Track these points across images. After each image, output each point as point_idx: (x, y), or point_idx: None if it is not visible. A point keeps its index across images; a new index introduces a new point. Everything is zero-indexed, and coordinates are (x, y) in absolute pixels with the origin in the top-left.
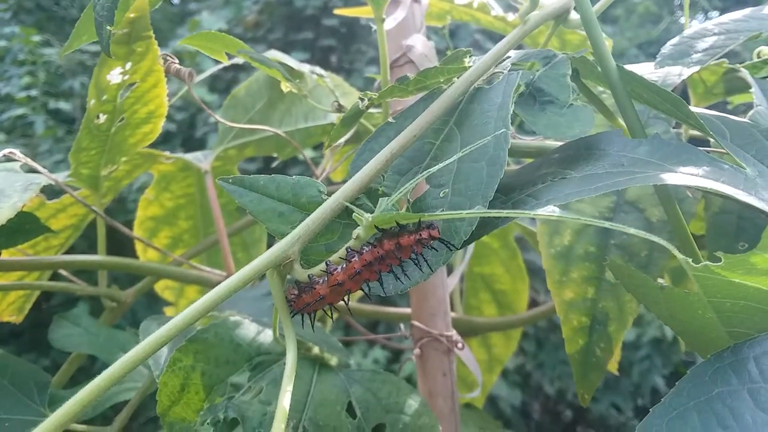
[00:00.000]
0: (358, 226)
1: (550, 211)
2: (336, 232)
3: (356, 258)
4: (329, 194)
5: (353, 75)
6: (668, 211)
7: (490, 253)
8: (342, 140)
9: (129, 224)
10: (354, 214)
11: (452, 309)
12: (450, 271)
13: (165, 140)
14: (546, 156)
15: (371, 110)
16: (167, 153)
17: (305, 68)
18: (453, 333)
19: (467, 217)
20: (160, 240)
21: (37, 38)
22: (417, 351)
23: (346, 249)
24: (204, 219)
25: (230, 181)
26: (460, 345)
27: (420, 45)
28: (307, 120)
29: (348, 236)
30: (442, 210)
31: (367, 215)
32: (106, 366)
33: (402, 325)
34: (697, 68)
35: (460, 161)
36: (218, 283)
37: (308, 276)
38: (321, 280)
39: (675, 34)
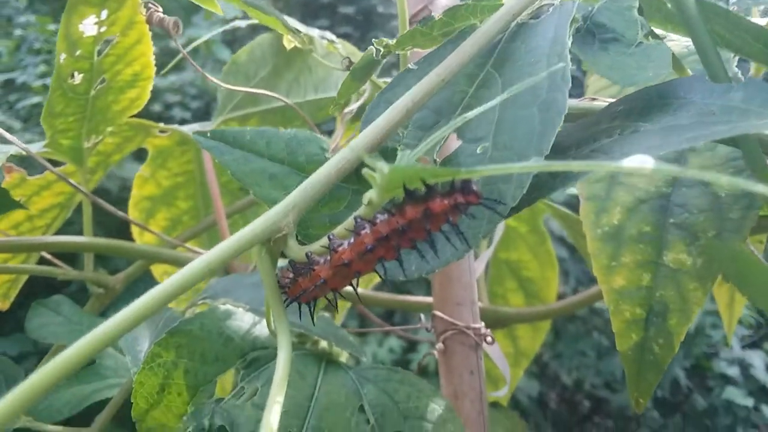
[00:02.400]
0: (370, 189)
1: (642, 161)
2: (343, 200)
3: (367, 230)
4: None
5: None
6: (757, 172)
7: (516, 238)
8: (354, 106)
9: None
10: (364, 170)
11: (478, 298)
12: (476, 256)
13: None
14: (605, 109)
15: None
16: (161, 124)
17: (315, 32)
18: (481, 325)
19: (518, 174)
20: (157, 222)
21: (52, 27)
22: (440, 346)
23: (354, 219)
24: (205, 199)
25: (209, 135)
26: (489, 339)
27: None
28: (317, 91)
29: (357, 205)
30: None
31: (383, 167)
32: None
33: (422, 316)
34: None
35: (503, 108)
36: (217, 269)
37: (306, 254)
38: (322, 260)
39: None
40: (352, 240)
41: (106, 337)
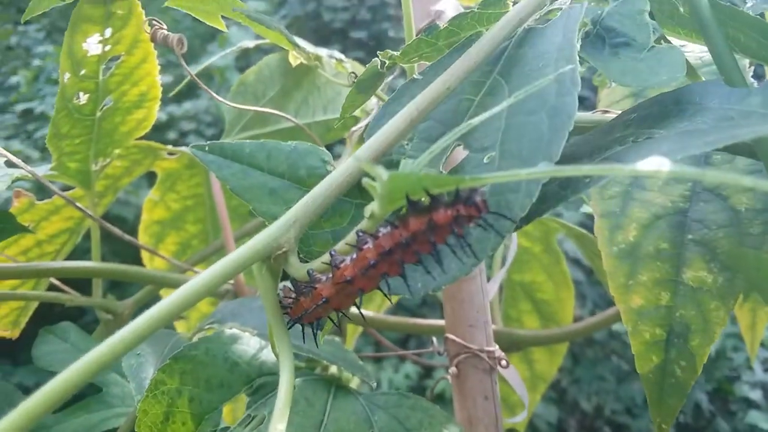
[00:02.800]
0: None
1: (658, 164)
2: (346, 215)
3: (370, 244)
4: None
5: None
6: None
7: (530, 259)
8: (362, 124)
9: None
10: (364, 180)
11: (491, 320)
12: (489, 277)
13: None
14: (617, 118)
15: None
16: (169, 146)
17: (323, 52)
18: (495, 348)
19: (526, 183)
20: (167, 246)
21: None
22: (453, 370)
23: (356, 233)
24: (214, 222)
25: (207, 148)
26: (504, 362)
27: (451, 10)
28: (326, 111)
29: (360, 220)
30: None
31: (382, 174)
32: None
33: (434, 339)
34: None
35: (510, 115)
36: (226, 292)
37: (308, 272)
38: (324, 277)
39: None
40: (354, 255)
41: (101, 360)
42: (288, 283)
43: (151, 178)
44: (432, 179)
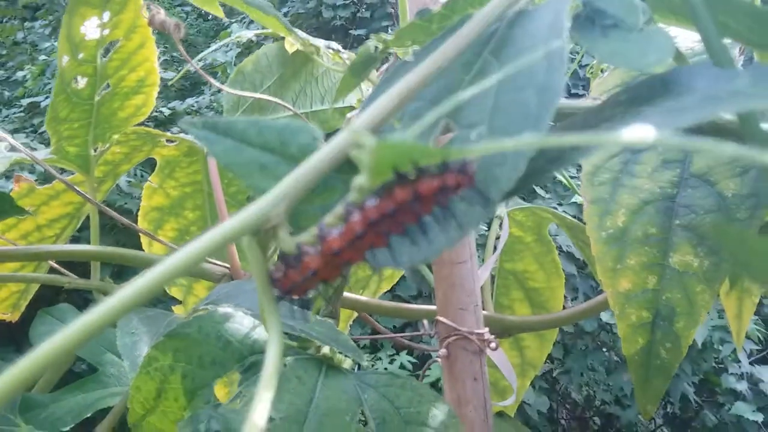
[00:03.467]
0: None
1: (642, 132)
2: (335, 191)
3: (357, 216)
4: None
5: None
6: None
7: (522, 248)
8: (357, 113)
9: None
10: (353, 152)
11: (483, 307)
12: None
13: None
14: (608, 99)
15: None
16: (168, 133)
17: (320, 43)
18: (485, 331)
19: (512, 156)
20: (166, 233)
21: None
22: (443, 351)
23: (344, 205)
24: (213, 210)
25: (200, 125)
26: (493, 345)
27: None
28: (324, 102)
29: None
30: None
31: (370, 143)
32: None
33: (426, 323)
34: None
35: (499, 92)
36: (222, 275)
37: (297, 246)
38: (312, 250)
39: None
40: (342, 227)
41: (89, 329)
42: (279, 258)
43: (152, 168)
44: (419, 149)
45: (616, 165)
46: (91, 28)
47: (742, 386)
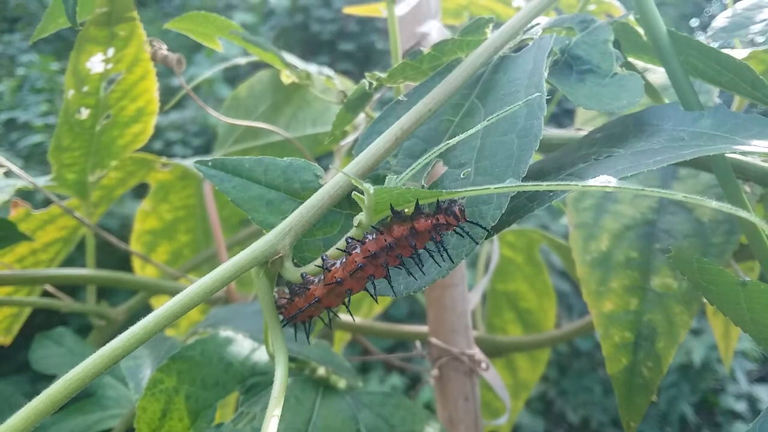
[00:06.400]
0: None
1: (605, 181)
2: (336, 225)
3: (358, 249)
4: None
5: None
6: (732, 197)
7: (514, 270)
8: (350, 139)
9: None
10: (353, 193)
11: (474, 327)
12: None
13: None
14: (585, 137)
15: None
16: (163, 158)
17: (312, 68)
18: (476, 351)
19: (495, 195)
20: (159, 255)
21: (55, 66)
22: (435, 372)
23: (346, 239)
24: (205, 232)
25: (210, 164)
26: (484, 365)
27: (436, 33)
28: (315, 125)
29: (350, 229)
30: None
31: (369, 189)
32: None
33: (418, 343)
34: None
35: (485, 136)
36: (217, 299)
37: (301, 275)
38: (316, 279)
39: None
40: (344, 259)
41: (102, 363)
42: (284, 285)
43: (135, 189)
44: (412, 192)
45: (600, 191)
46: (96, 63)
47: (741, 406)
